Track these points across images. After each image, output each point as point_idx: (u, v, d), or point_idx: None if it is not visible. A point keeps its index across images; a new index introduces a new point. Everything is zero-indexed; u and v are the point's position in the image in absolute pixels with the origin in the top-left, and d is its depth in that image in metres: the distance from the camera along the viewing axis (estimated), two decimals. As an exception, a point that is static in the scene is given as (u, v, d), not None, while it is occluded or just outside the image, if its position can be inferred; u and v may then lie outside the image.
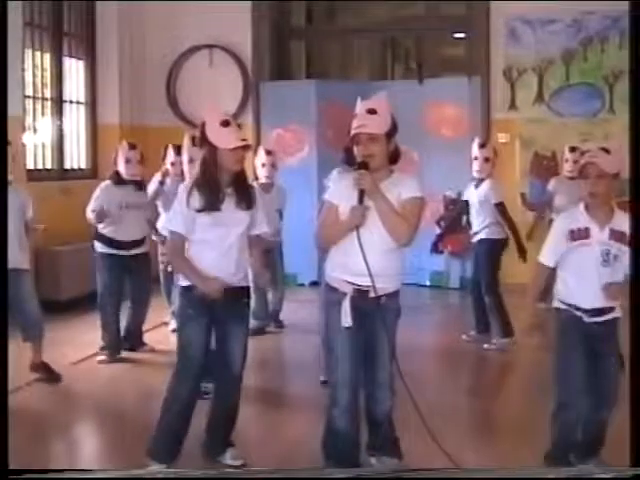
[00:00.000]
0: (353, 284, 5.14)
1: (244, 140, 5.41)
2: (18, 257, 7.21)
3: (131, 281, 8.42)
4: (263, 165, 9.30)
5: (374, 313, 5.18)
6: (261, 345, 8.91)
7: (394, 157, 5.25)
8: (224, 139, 5.32)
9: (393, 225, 5.04)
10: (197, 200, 5.34)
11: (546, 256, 5.36)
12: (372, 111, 5.13)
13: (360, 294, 5.14)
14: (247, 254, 5.56)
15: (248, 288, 5.63)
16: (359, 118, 5.16)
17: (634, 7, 4.59)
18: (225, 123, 5.35)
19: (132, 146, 8.32)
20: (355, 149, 5.16)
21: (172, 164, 8.79)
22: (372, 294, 5.13)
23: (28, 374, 7.53)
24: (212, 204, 5.34)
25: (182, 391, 5.47)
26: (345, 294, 5.16)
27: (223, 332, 5.51)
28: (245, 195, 5.45)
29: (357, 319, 5.16)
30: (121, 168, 8.22)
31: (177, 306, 5.78)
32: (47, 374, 7.59)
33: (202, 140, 5.42)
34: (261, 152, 9.41)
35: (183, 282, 5.52)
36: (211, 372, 5.65)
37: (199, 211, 5.33)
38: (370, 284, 5.06)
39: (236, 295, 5.49)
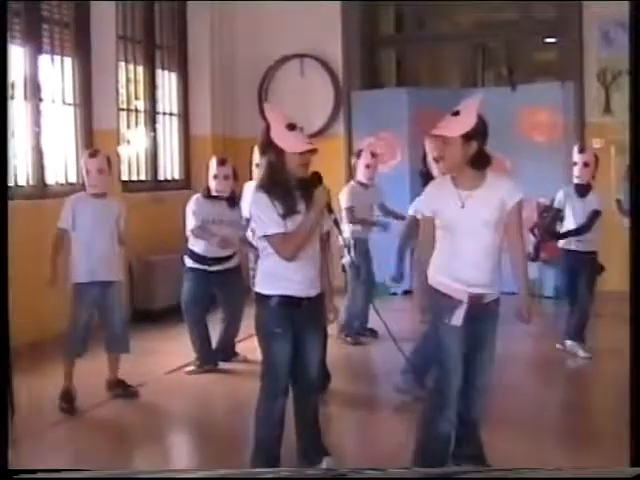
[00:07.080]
0: (467, 292, 5.11)
1: (311, 143, 5.26)
2: (105, 270, 7.20)
3: (222, 295, 8.40)
4: (368, 166, 9.25)
5: (480, 319, 5.17)
6: (356, 354, 8.93)
7: (480, 161, 5.11)
8: (291, 142, 5.15)
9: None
10: (276, 205, 5.14)
11: None
12: (455, 113, 5.07)
13: (474, 300, 5.12)
14: (319, 260, 5.39)
15: (323, 295, 5.45)
16: (441, 121, 5.13)
17: (634, 7, 4.51)
18: (291, 126, 5.18)
19: (221, 162, 8.21)
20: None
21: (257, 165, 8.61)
22: (484, 300, 5.15)
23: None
24: (290, 208, 5.15)
25: (272, 406, 5.35)
26: (457, 301, 5.12)
27: (301, 339, 5.33)
28: (311, 199, 5.16)
29: (465, 325, 5.14)
30: (210, 184, 8.17)
31: (259, 321, 5.36)
32: (124, 391, 7.46)
33: (266, 144, 5.21)
34: (367, 154, 9.33)
35: (267, 290, 5.29)
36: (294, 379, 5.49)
37: (282, 216, 5.13)
38: (482, 292, 5.10)
39: (315, 302, 5.36)
